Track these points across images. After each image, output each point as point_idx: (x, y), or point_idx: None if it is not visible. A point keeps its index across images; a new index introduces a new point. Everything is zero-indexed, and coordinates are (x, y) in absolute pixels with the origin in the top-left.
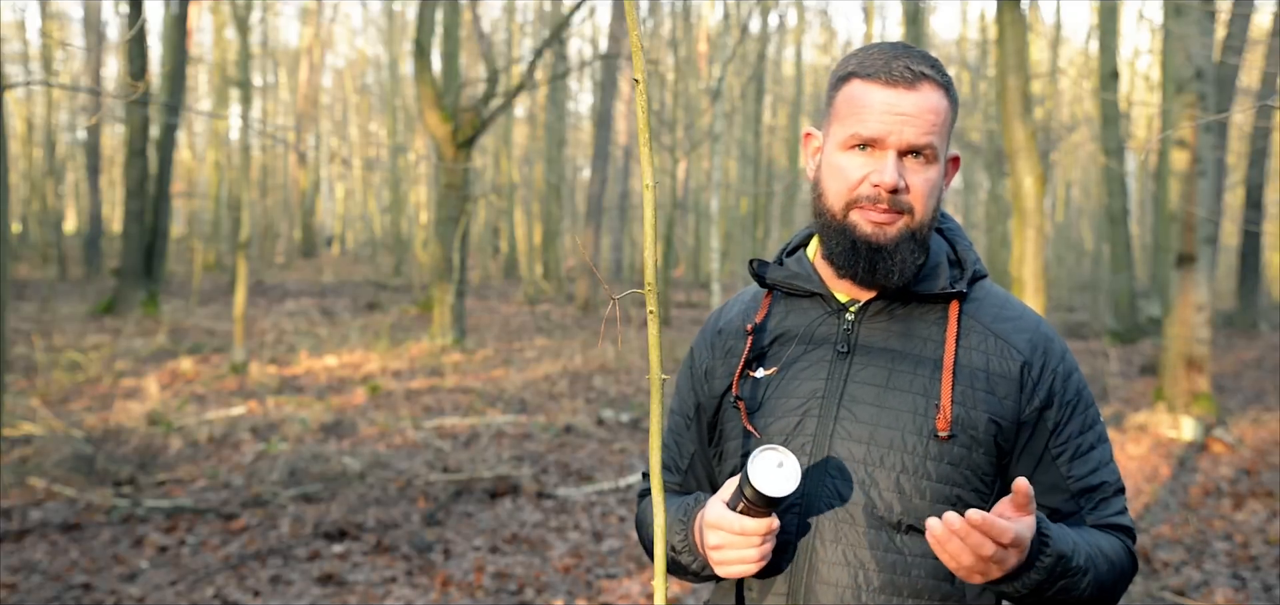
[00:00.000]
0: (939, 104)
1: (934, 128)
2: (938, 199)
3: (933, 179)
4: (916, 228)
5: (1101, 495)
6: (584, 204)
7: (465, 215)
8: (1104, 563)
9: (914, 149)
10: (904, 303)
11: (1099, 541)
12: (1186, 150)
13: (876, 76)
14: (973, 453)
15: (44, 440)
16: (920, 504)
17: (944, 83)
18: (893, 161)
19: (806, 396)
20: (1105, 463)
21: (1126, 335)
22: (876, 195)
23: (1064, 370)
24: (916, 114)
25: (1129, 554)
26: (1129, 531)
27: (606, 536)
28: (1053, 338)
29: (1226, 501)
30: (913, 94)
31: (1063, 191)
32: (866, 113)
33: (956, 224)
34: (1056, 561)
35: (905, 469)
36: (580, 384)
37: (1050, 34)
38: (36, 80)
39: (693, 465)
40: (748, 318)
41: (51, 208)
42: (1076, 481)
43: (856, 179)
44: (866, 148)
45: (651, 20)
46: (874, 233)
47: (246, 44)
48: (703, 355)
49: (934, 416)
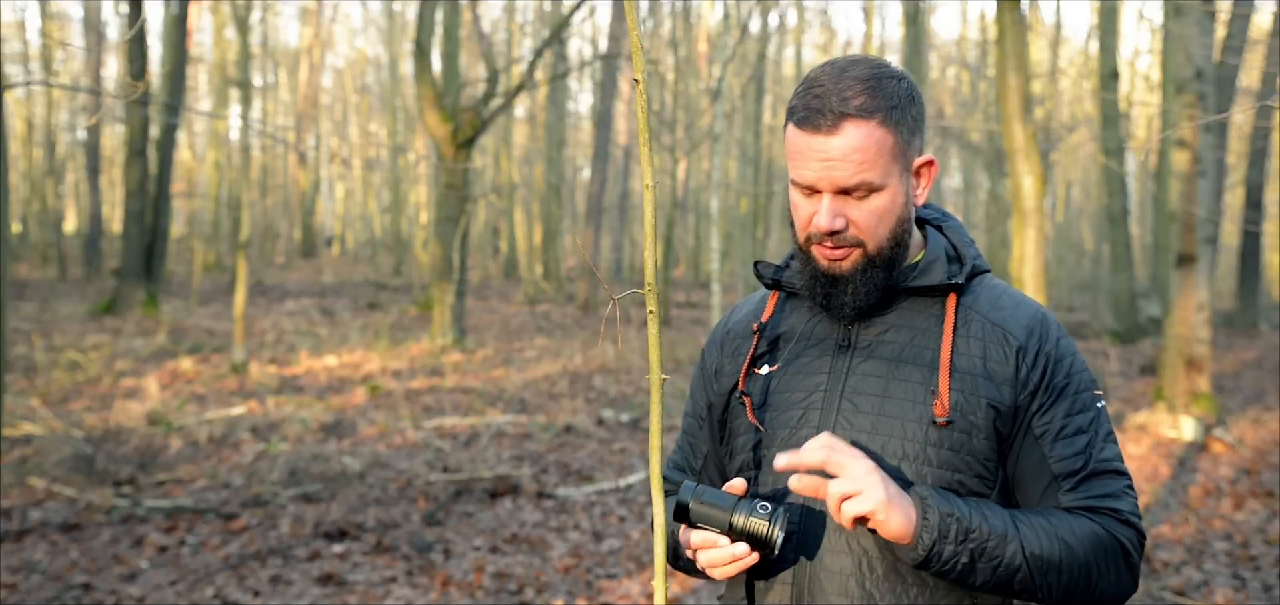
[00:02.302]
0: (867, 139)
1: (864, 164)
2: (895, 219)
3: (878, 207)
4: (873, 254)
5: (1083, 476)
6: (584, 204)
7: (465, 215)
8: (1050, 540)
9: (846, 190)
10: (903, 298)
11: (1052, 520)
12: (1186, 150)
13: (804, 122)
14: (972, 439)
15: (44, 440)
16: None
17: (879, 110)
18: (828, 205)
19: (810, 391)
20: (1094, 447)
21: (1126, 335)
22: (820, 236)
23: (1057, 354)
24: (841, 157)
25: (1110, 536)
26: (1115, 514)
27: (606, 536)
28: (1050, 323)
29: (1226, 501)
30: (835, 138)
31: (1063, 191)
32: (798, 159)
33: (958, 222)
34: (943, 519)
35: (907, 457)
36: (580, 384)
37: (1050, 34)
38: (36, 80)
39: (706, 465)
40: (755, 317)
41: (51, 208)
42: (1057, 462)
43: (805, 219)
44: (809, 191)
45: (651, 20)
46: (829, 267)
47: (246, 44)
48: (712, 356)
49: (933, 404)
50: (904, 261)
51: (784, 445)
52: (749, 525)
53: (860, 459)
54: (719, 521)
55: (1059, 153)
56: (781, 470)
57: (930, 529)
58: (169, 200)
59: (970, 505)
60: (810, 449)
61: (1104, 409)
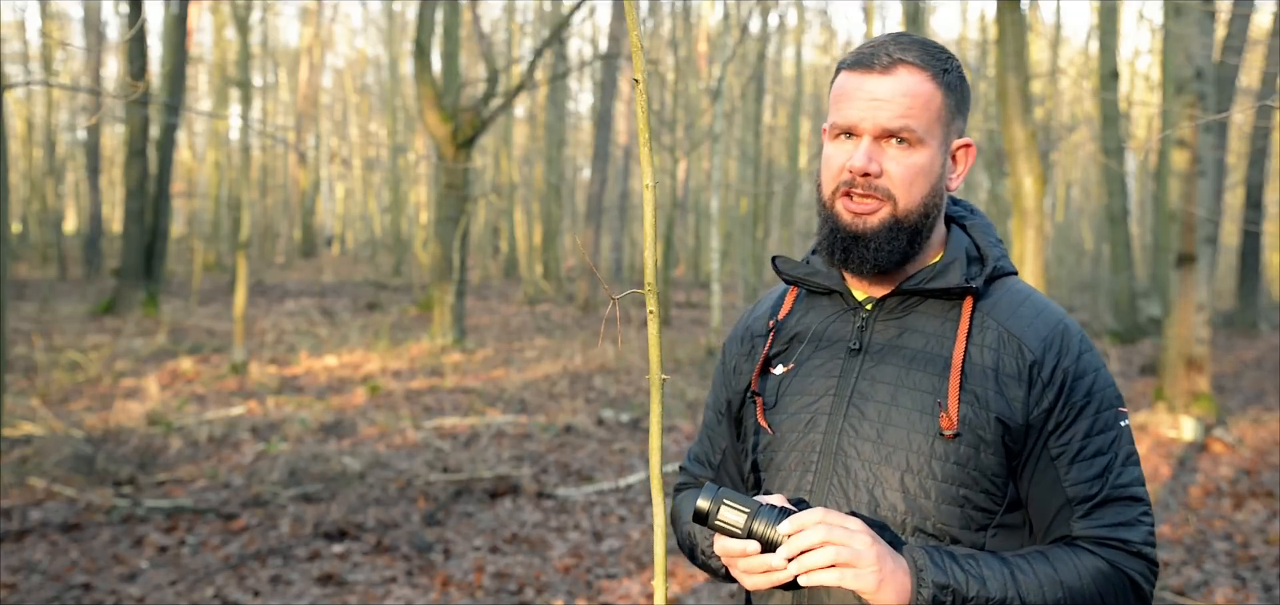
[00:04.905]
0: (919, 87)
1: (910, 110)
2: (929, 186)
3: (916, 164)
4: (901, 216)
5: (1098, 502)
6: (584, 204)
7: (465, 215)
8: (1053, 590)
9: (889, 132)
10: (919, 300)
11: (1056, 564)
12: (1186, 150)
13: (857, 65)
14: (980, 453)
15: (44, 440)
16: (926, 504)
17: (933, 67)
18: (865, 146)
19: (818, 395)
20: (1112, 471)
21: (1126, 335)
22: (852, 180)
23: (1077, 370)
24: (890, 98)
25: (1117, 573)
26: (1125, 546)
27: (606, 536)
28: (1071, 336)
29: (1226, 501)
30: (887, 78)
31: (1063, 191)
32: (845, 101)
33: (986, 220)
34: (938, 593)
35: (911, 469)
36: (580, 384)
37: (1050, 34)
38: (36, 80)
39: (724, 461)
40: (772, 314)
41: (51, 208)
42: (1073, 486)
43: (837, 167)
44: (848, 136)
45: (651, 20)
46: (852, 222)
47: (246, 44)
48: (732, 351)
49: (940, 416)
50: (929, 237)
51: (791, 449)
52: (768, 535)
53: (861, 531)
54: (737, 527)
55: (1059, 153)
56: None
57: (926, 600)
58: (169, 200)
59: (967, 566)
60: (806, 530)
61: (1127, 428)
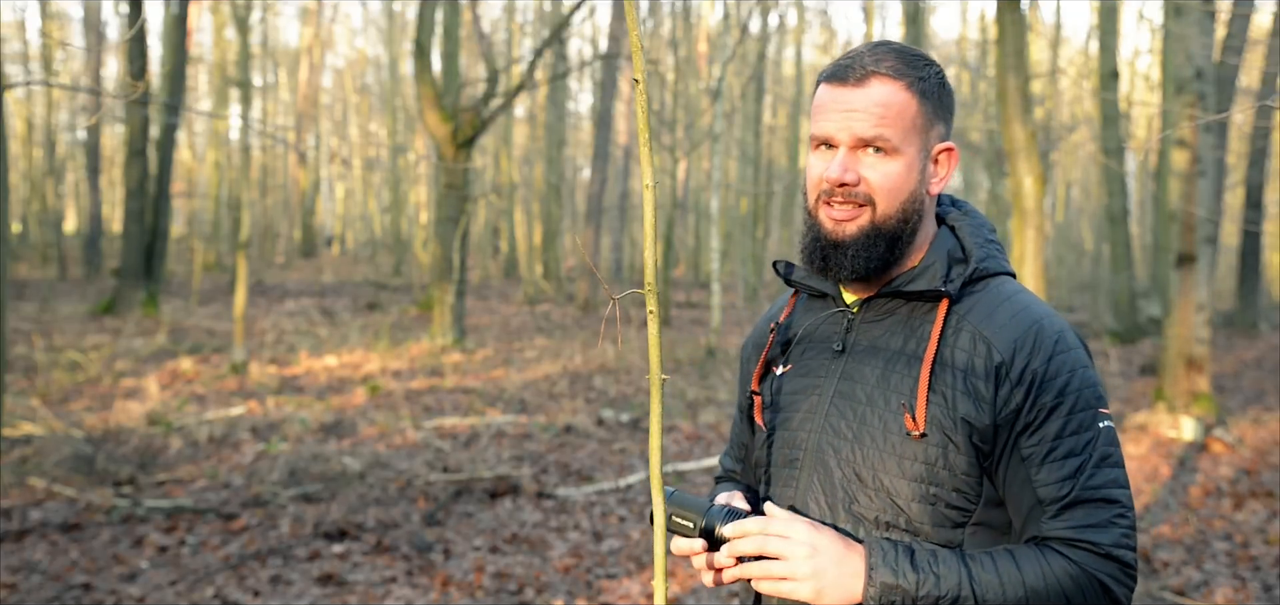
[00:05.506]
0: (892, 97)
1: (884, 120)
2: (907, 192)
3: (893, 171)
4: (879, 221)
5: (1068, 503)
6: (584, 204)
7: (465, 215)
8: (1014, 590)
9: (865, 141)
10: (900, 302)
11: (1020, 564)
12: (1186, 150)
13: (833, 77)
14: (948, 453)
15: (44, 440)
16: (898, 503)
17: (908, 76)
18: (841, 156)
19: (808, 393)
20: (1084, 472)
21: (1126, 335)
22: (830, 190)
23: (1048, 371)
24: (864, 109)
25: (1085, 575)
26: (1093, 548)
27: (606, 536)
28: (1044, 337)
29: (1226, 501)
30: (860, 90)
31: (1063, 191)
32: (821, 113)
33: (980, 220)
34: (885, 591)
35: (886, 468)
36: (580, 384)
37: (1050, 34)
38: (36, 80)
39: (747, 458)
40: (776, 317)
41: (51, 208)
42: (1043, 486)
43: (817, 176)
44: (828, 146)
45: (651, 20)
46: (833, 230)
47: (246, 44)
48: (747, 352)
49: (905, 416)
50: (910, 242)
51: (783, 447)
52: (718, 533)
53: (799, 542)
54: (691, 528)
55: (1059, 153)
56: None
57: (872, 601)
58: (169, 200)
59: (922, 565)
60: (747, 537)
61: (1107, 429)
